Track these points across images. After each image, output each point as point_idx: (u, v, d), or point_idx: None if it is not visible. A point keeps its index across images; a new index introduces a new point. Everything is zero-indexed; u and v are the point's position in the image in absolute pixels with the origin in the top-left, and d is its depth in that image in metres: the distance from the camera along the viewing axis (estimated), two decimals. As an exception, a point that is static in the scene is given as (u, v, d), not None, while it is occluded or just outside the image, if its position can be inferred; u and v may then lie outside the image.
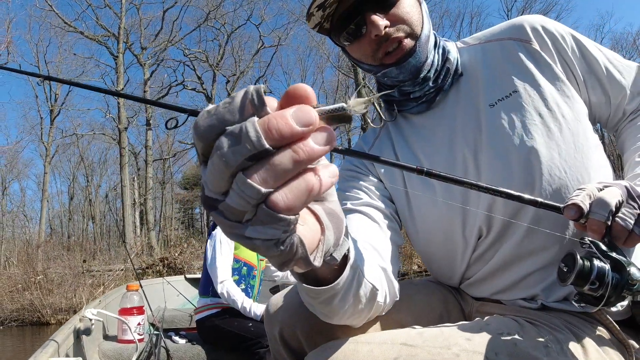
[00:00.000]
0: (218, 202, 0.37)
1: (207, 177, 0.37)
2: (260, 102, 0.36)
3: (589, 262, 0.69)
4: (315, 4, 0.95)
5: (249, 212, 0.37)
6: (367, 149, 1.15)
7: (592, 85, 1.01)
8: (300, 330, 0.90)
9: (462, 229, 1.00)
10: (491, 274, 1.00)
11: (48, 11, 22.39)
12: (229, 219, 0.38)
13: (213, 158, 0.36)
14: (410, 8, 0.97)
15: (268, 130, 0.35)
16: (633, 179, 0.88)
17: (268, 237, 0.38)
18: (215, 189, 0.37)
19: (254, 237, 0.38)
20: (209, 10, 23.11)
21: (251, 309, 2.71)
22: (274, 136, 0.35)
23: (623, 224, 0.72)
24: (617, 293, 0.69)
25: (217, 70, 24.22)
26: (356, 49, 1.02)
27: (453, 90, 1.06)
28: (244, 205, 0.36)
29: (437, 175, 0.74)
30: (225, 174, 0.36)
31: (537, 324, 0.86)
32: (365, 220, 1.01)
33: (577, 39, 1.01)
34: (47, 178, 23.04)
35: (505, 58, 1.02)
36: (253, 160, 0.35)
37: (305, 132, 0.36)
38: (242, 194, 0.36)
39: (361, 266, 0.70)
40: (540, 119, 0.94)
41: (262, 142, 0.35)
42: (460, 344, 0.77)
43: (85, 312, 2.67)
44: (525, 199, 0.76)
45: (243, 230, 0.38)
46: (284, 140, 0.35)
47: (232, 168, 0.35)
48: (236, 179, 0.36)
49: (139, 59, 23.17)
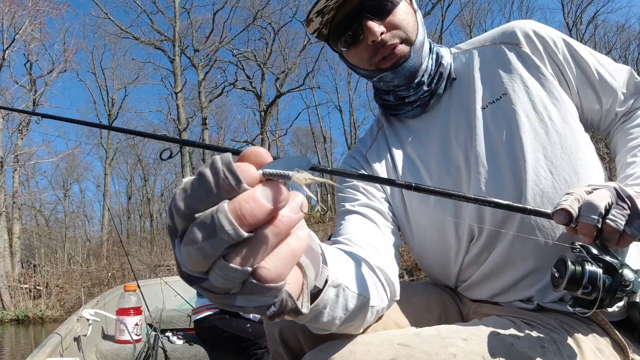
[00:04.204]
0: (200, 280, 0.38)
1: (182, 258, 0.37)
2: (235, 180, 0.35)
3: (580, 267, 0.70)
4: (314, 10, 0.98)
5: (236, 287, 0.38)
6: (365, 151, 1.17)
7: (584, 88, 1.03)
8: (300, 330, 0.90)
9: (454, 230, 1.02)
10: (486, 277, 1.01)
11: (103, 19, 23.48)
12: (215, 292, 0.38)
13: (188, 247, 0.35)
14: (405, 16, 1.00)
15: (242, 217, 0.34)
16: (624, 180, 0.91)
17: (260, 304, 0.39)
18: (195, 269, 0.37)
19: (246, 306, 0.39)
20: (256, 11, 23.48)
21: (249, 310, 2.70)
22: (250, 222, 0.35)
23: (614, 225, 0.73)
24: (611, 295, 0.70)
25: (266, 68, 24.51)
26: (353, 55, 1.05)
27: (447, 94, 1.08)
28: (230, 284, 0.37)
29: (425, 190, 0.77)
30: (205, 262, 0.36)
31: (534, 325, 0.87)
32: (363, 221, 1.02)
33: (568, 42, 1.03)
34: (107, 179, 24.20)
35: (497, 61, 1.04)
36: (232, 247, 0.35)
37: (279, 208, 0.36)
38: (226, 276, 0.36)
39: (345, 281, 0.69)
40: (527, 121, 0.96)
41: (240, 232, 0.34)
42: (457, 345, 0.77)
43: (82, 313, 2.66)
44: (514, 207, 0.77)
45: (232, 301, 0.39)
46: (259, 223, 0.35)
47: (211, 259, 0.35)
48: (217, 264, 0.36)
49: (192, 61, 23.84)
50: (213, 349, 2.85)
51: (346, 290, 0.68)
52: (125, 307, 2.81)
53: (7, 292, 15.76)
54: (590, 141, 1.01)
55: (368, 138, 1.20)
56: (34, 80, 20.21)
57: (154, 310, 3.63)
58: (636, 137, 0.99)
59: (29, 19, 19.26)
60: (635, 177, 0.90)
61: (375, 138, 1.19)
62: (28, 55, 20.33)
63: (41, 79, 20.48)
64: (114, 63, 25.18)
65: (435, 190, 0.75)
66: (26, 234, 20.91)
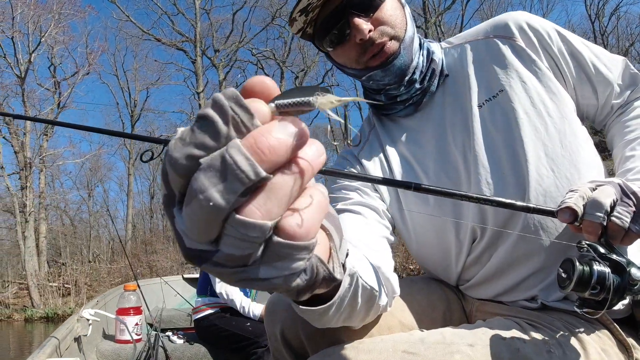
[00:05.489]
0: (210, 254, 0.31)
1: (185, 227, 0.31)
2: (247, 114, 0.29)
3: (588, 267, 0.68)
4: (297, 9, 0.94)
5: (255, 252, 0.31)
6: (357, 152, 1.13)
7: (579, 81, 1.00)
8: (302, 330, 0.88)
9: (455, 231, 1.00)
10: (489, 277, 0.99)
11: (125, 21, 23.71)
12: (230, 266, 0.32)
13: (192, 205, 0.29)
14: (393, 11, 0.97)
15: (260, 151, 0.29)
16: (624, 174, 0.88)
17: (290, 271, 0.33)
18: (202, 239, 0.31)
19: (272, 277, 0.33)
20: (275, 10, 23.51)
21: (249, 309, 2.71)
22: (269, 158, 0.29)
23: (619, 222, 0.71)
24: (619, 295, 0.67)
25: (285, 67, 24.56)
26: (340, 54, 1.01)
27: (439, 91, 1.05)
28: (249, 247, 0.31)
29: (426, 190, 0.73)
30: (214, 221, 0.29)
31: (539, 327, 0.86)
32: (357, 218, 1.00)
33: (562, 34, 1.00)
34: (131, 180, 24.38)
35: (492, 57, 1.01)
36: (246, 194, 0.29)
37: (299, 145, 0.31)
38: (244, 236, 0.30)
39: (359, 271, 0.65)
40: (526, 118, 0.94)
41: (259, 170, 0.29)
42: (463, 351, 0.76)
43: (82, 313, 2.67)
44: (518, 206, 0.75)
45: (254, 273, 0.32)
46: (279, 162, 0.30)
47: (222, 214, 0.29)
48: (229, 222, 0.30)
49: (212, 61, 23.94)
50: (213, 348, 2.86)
51: (359, 280, 0.64)
52: (125, 307, 2.81)
53: (36, 290, 16.11)
54: (589, 134, 0.98)
55: (359, 138, 1.16)
56: (58, 82, 20.58)
57: (154, 310, 3.64)
58: (633, 130, 0.97)
59: (54, 22, 19.68)
60: (635, 172, 0.87)
61: (367, 139, 1.15)
62: (52, 58, 20.62)
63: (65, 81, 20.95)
64: (135, 65, 25.56)
65: (438, 190, 0.73)
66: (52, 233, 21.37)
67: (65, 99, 20.43)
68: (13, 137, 18.19)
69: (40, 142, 19.18)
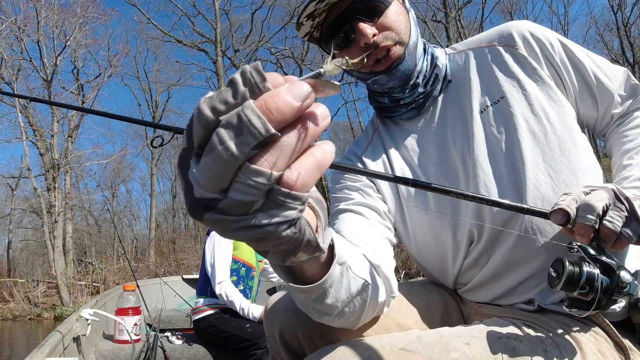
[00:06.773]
0: (216, 202, 0.35)
1: (201, 175, 0.35)
2: (260, 77, 0.34)
3: (577, 267, 0.70)
4: (304, 14, 0.98)
5: (258, 201, 0.36)
6: (360, 153, 1.16)
7: (580, 90, 1.02)
8: (301, 331, 0.90)
9: (452, 232, 1.01)
10: (486, 281, 1.00)
11: (146, 24, 24.06)
12: (233, 214, 0.36)
13: (212, 154, 0.34)
14: (397, 16, 0.99)
15: (268, 112, 0.33)
16: (620, 182, 0.90)
17: (283, 219, 0.37)
18: (213, 188, 0.35)
19: (267, 223, 0.37)
20: (293, 9, 23.67)
21: (249, 310, 2.67)
22: (277, 118, 0.34)
23: (611, 226, 0.73)
24: (608, 297, 0.69)
25: (304, 65, 24.96)
26: None
27: (442, 96, 1.08)
28: (255, 194, 0.35)
29: (422, 186, 0.77)
30: (229, 169, 0.34)
31: (536, 327, 0.86)
32: (358, 218, 1.02)
33: (564, 44, 1.02)
34: (154, 179, 24.89)
35: (494, 63, 1.03)
36: (258, 148, 0.34)
37: (305, 107, 0.35)
38: (253, 182, 0.34)
39: (349, 262, 0.69)
40: (526, 124, 0.96)
41: (268, 127, 0.33)
42: (460, 349, 0.77)
43: (81, 312, 2.66)
44: (512, 205, 0.77)
45: (251, 220, 0.36)
46: (286, 120, 0.34)
47: (239, 161, 0.34)
48: (242, 170, 0.34)
49: (232, 61, 24.40)
50: (212, 349, 2.83)
51: (349, 271, 0.68)
52: (124, 307, 2.81)
53: (66, 288, 16.58)
54: (588, 142, 0.99)
55: (363, 140, 1.19)
56: (81, 85, 21.16)
57: (153, 310, 3.65)
58: (632, 140, 0.99)
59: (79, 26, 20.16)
60: (632, 180, 0.89)
61: (370, 140, 1.18)
62: (75, 61, 21.00)
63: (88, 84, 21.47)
64: (156, 66, 25.84)
65: (433, 187, 0.76)
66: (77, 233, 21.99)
67: (92, 101, 20.97)
68: (39, 139, 18.68)
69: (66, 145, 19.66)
